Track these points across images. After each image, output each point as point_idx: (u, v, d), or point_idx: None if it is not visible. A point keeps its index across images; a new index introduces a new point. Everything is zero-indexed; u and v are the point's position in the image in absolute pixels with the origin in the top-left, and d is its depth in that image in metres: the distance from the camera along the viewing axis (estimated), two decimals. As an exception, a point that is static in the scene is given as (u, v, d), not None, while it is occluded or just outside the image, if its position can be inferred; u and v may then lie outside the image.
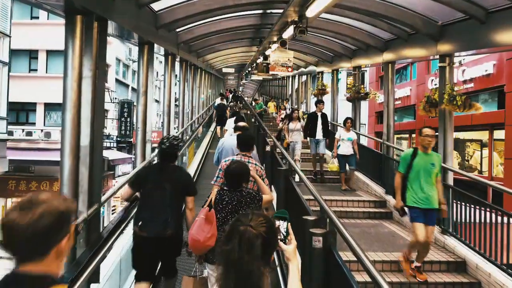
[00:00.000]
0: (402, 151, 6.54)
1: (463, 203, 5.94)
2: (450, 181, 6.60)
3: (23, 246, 1.22)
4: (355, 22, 8.57)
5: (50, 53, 21.39)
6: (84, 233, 3.59)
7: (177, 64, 10.46)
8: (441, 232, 6.49)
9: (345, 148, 9.10)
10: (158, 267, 3.63)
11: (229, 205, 3.25)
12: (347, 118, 9.56)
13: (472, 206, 5.84)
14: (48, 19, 20.81)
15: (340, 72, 16.83)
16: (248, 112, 16.98)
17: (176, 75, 11.26)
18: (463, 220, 5.97)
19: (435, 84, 14.96)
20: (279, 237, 1.68)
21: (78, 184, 3.66)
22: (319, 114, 10.07)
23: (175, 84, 12.01)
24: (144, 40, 6.41)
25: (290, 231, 1.75)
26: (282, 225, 1.73)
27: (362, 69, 11.79)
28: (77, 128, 3.65)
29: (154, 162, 5.71)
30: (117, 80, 26.86)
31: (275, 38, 10.05)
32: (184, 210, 3.66)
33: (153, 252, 3.43)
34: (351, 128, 9.35)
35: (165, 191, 3.45)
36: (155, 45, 7.37)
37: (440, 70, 6.73)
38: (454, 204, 6.17)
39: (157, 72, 27.97)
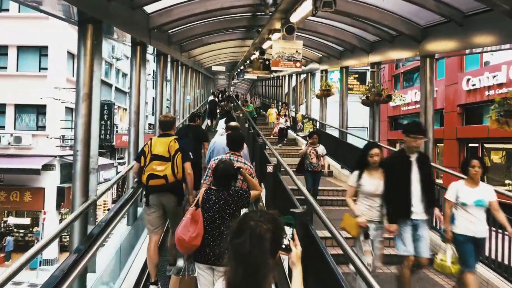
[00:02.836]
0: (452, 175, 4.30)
1: None
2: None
3: (167, 125, 4.56)
4: (387, 2, 6.46)
5: (21, 49, 19.50)
6: None
7: (156, 60, 8.42)
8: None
9: (472, 224, 4.26)
10: None
11: (216, 204, 3.25)
12: (471, 159, 4.45)
13: None
14: (19, 11, 18.75)
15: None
16: (241, 115, 14.77)
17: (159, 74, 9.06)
18: None
19: (473, 85, 12.86)
20: (285, 241, 1.70)
21: None
22: (413, 158, 4.23)
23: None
24: (87, 15, 4.19)
25: (296, 236, 1.78)
26: (288, 231, 1.74)
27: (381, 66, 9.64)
28: None
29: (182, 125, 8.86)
30: (98, 79, 24.55)
31: (277, 25, 7.88)
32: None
33: None
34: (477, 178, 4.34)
35: (190, 138, 6.03)
36: (114, 29, 5.28)
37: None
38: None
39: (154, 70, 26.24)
